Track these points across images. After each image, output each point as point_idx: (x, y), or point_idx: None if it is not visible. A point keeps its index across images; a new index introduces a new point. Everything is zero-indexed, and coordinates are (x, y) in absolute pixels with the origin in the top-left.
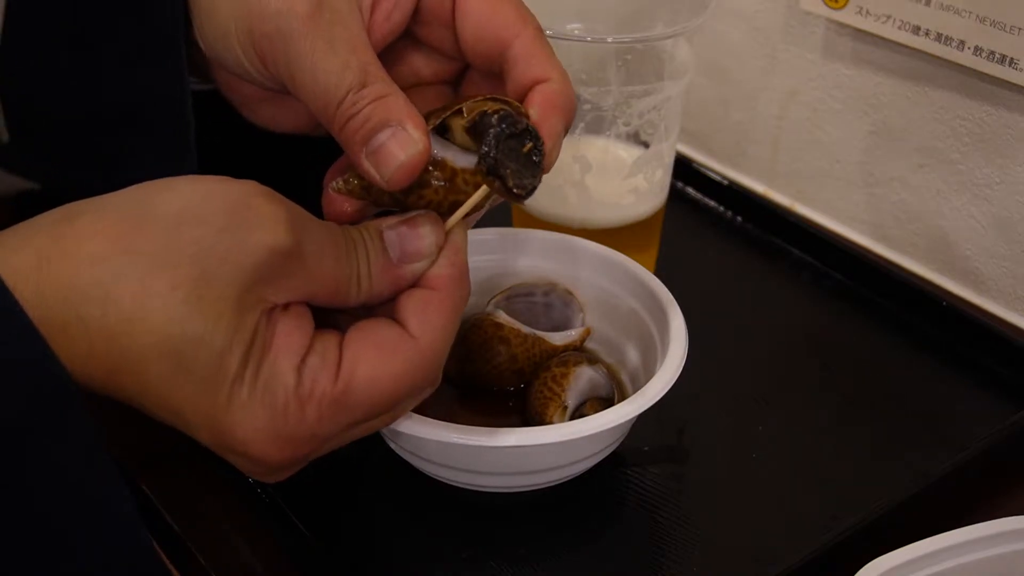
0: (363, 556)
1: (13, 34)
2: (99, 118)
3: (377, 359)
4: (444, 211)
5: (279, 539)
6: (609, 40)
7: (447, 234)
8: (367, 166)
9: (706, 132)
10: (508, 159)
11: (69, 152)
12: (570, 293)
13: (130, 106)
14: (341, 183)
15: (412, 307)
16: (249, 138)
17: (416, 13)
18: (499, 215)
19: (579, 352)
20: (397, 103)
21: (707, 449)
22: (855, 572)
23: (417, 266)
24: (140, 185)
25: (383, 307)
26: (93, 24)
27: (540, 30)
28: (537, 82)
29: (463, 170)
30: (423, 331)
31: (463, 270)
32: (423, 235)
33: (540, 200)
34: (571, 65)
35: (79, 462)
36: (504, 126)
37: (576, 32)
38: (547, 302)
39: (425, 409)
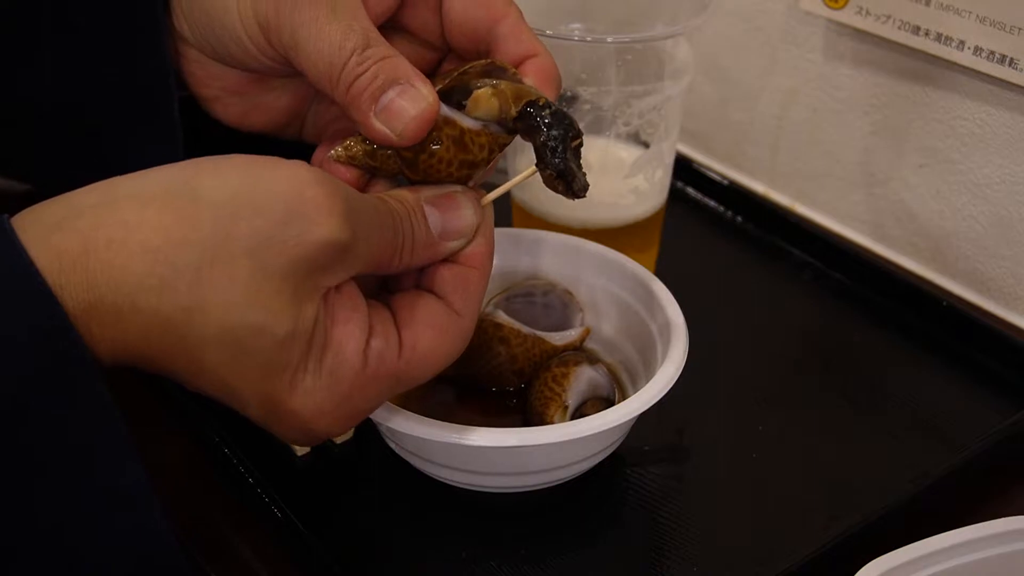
0: (363, 556)
1: None
2: (78, 105)
3: (433, 338)
4: (454, 170)
5: (279, 539)
6: (609, 40)
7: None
8: (378, 125)
9: (706, 132)
10: (572, 161)
11: (47, 143)
12: (569, 293)
13: (109, 90)
14: (341, 150)
15: (453, 284)
16: (218, 144)
17: None
18: (499, 215)
19: (579, 352)
20: (403, 63)
21: (707, 449)
22: (855, 572)
23: (456, 243)
24: (180, 165)
25: (411, 274)
26: (66, 10)
27: (521, 13)
28: (527, 57)
29: (470, 130)
30: (466, 309)
31: (493, 246)
32: (464, 215)
33: (540, 200)
34: (571, 65)
35: (86, 428)
36: (565, 127)
37: (576, 32)
38: (546, 302)
39: (426, 409)
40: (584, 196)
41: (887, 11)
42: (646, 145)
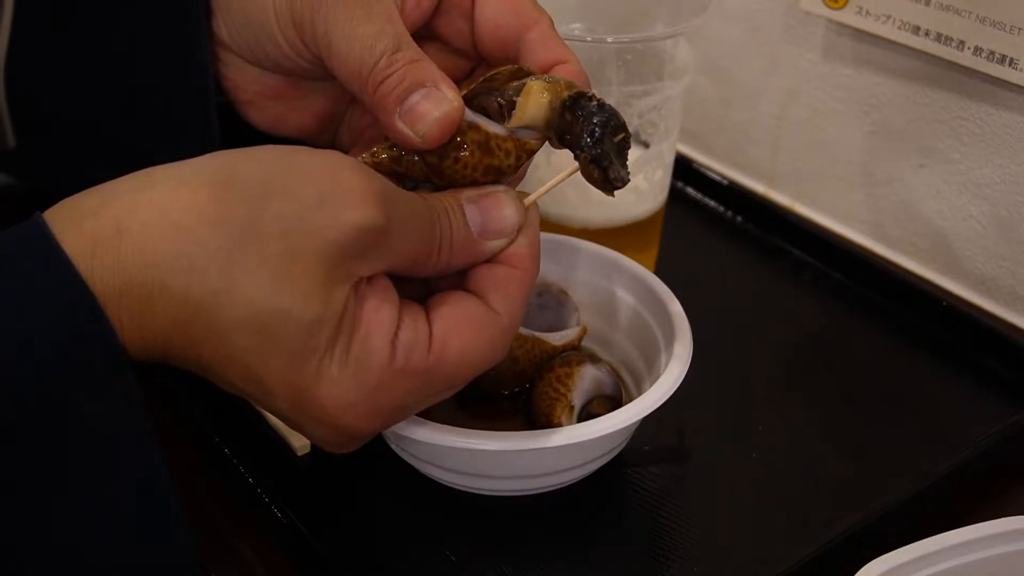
0: (363, 557)
1: (21, 28)
2: (115, 109)
3: (468, 334)
4: (480, 176)
5: (279, 539)
6: (609, 40)
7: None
8: (401, 126)
9: (706, 132)
10: (611, 150)
11: (81, 149)
12: (565, 293)
13: (148, 93)
14: (368, 156)
15: (492, 283)
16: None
17: (439, 2)
18: None
19: (580, 351)
20: (430, 67)
21: (707, 449)
22: (855, 572)
23: (497, 243)
24: (216, 153)
25: (449, 277)
26: (107, 10)
27: (552, 20)
28: (557, 63)
29: (496, 135)
30: (505, 308)
31: (538, 248)
32: (506, 214)
33: (540, 200)
34: None
35: (114, 422)
36: (607, 116)
37: (576, 32)
38: (541, 303)
39: (425, 413)
40: (621, 188)
41: (887, 11)
42: (646, 145)
